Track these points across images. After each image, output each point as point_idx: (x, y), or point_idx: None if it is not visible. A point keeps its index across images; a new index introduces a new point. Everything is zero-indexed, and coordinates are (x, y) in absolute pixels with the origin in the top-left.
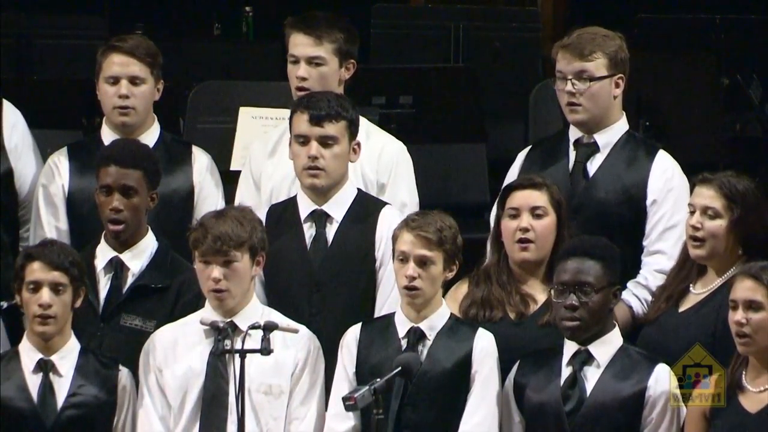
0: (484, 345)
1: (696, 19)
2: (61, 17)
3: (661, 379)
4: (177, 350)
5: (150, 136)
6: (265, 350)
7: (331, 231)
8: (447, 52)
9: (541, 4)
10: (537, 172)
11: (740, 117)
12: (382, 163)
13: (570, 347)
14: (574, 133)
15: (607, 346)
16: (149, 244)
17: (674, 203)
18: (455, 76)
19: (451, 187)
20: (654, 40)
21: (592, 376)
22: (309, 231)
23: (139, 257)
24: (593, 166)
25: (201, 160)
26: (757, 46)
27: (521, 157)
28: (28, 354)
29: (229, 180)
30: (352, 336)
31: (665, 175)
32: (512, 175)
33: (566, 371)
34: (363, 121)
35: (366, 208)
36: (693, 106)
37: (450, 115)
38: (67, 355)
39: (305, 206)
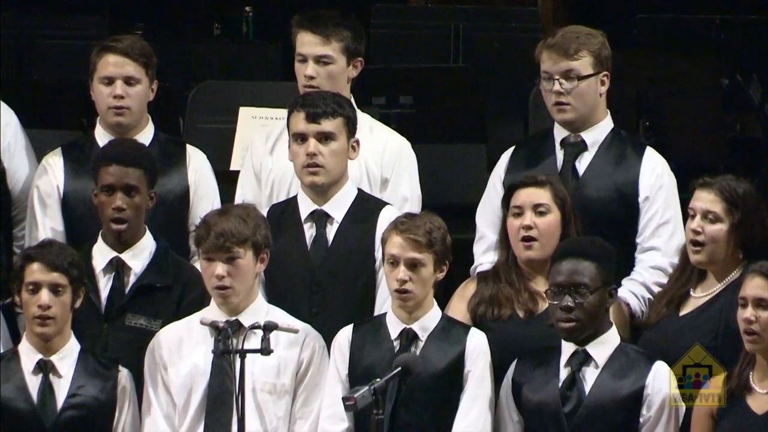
0: (477, 345)
1: (696, 19)
2: (61, 17)
3: (659, 377)
4: (182, 349)
5: (144, 137)
6: (265, 350)
7: (331, 231)
8: (447, 52)
9: (541, 4)
10: (523, 172)
11: (740, 117)
12: (385, 157)
13: (568, 348)
14: (559, 132)
15: (604, 346)
16: (148, 243)
17: (666, 199)
18: (455, 76)
19: (451, 187)
20: (654, 40)
21: (590, 377)
22: (309, 231)
23: (139, 257)
24: (582, 164)
25: (196, 160)
26: (757, 46)
27: (506, 157)
28: (28, 355)
29: (229, 180)
30: (343, 337)
31: (656, 171)
32: (497, 176)
33: (564, 372)
34: (366, 117)
35: (366, 208)
36: (693, 106)
37: (450, 115)
38: (67, 356)
39: (305, 206)
